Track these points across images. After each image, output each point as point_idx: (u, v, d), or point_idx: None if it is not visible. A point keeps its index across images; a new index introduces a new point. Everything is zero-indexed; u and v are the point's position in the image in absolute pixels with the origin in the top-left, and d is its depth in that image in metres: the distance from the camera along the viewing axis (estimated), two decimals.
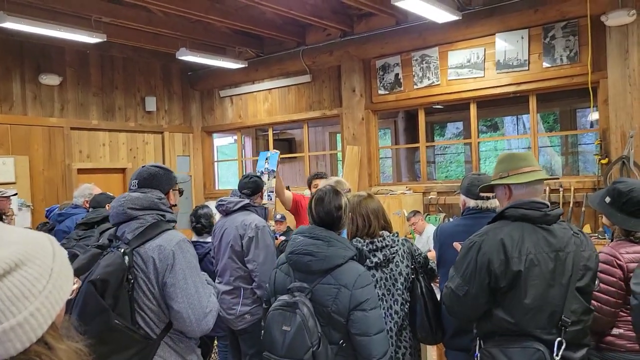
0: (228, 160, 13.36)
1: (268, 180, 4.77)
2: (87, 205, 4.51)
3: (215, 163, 11.20)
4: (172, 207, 2.47)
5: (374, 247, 2.61)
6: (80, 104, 8.94)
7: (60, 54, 8.63)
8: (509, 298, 2.10)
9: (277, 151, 5.27)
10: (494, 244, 2.12)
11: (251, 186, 3.81)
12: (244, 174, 4.40)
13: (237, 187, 3.92)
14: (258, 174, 4.50)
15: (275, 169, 5.05)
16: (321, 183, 4.48)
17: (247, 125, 10.27)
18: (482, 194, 2.64)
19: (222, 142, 13.14)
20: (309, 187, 4.71)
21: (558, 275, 2.09)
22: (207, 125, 10.66)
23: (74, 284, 2.16)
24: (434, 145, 13.93)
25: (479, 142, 8.06)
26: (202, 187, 10.68)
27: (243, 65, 9.08)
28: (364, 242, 2.62)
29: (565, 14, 6.45)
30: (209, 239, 4.49)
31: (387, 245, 2.62)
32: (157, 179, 2.44)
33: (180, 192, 2.61)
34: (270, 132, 10.17)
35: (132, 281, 2.13)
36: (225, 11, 7.60)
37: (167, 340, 2.20)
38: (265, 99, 9.79)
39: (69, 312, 2.19)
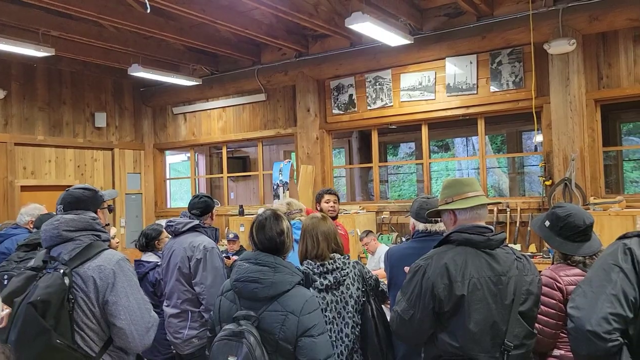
0: (181, 177, 13.15)
1: (283, 193, 4.64)
2: (32, 226, 4.33)
3: (167, 181, 11.00)
4: (105, 227, 2.50)
5: (325, 269, 2.61)
6: (25, 118, 8.64)
7: (5, 67, 8.34)
8: (453, 322, 2.12)
9: (289, 160, 5.08)
10: (438, 269, 2.15)
11: (201, 206, 3.75)
12: (195, 193, 4.32)
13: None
14: (274, 187, 4.38)
15: (288, 180, 4.88)
16: (332, 199, 4.47)
17: (200, 143, 10.16)
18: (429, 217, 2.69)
19: (174, 159, 12.93)
20: (318, 203, 4.63)
21: (500, 300, 2.12)
22: (160, 142, 10.48)
23: (1, 310, 2.12)
24: (387, 165, 14.14)
25: (430, 163, 8.23)
26: (153, 205, 10.46)
27: (197, 83, 9.01)
28: (315, 264, 2.61)
29: (511, 42, 6.72)
30: (152, 258, 4.39)
31: (337, 268, 2.63)
32: (83, 202, 2.46)
33: (110, 210, 2.61)
34: (224, 150, 10.09)
35: (73, 301, 2.18)
36: (179, 28, 7.55)
37: (105, 357, 2.26)
38: (220, 117, 9.73)
39: (6, 336, 2.13)
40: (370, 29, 6.22)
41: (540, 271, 2.37)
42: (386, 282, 2.94)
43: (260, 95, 9.07)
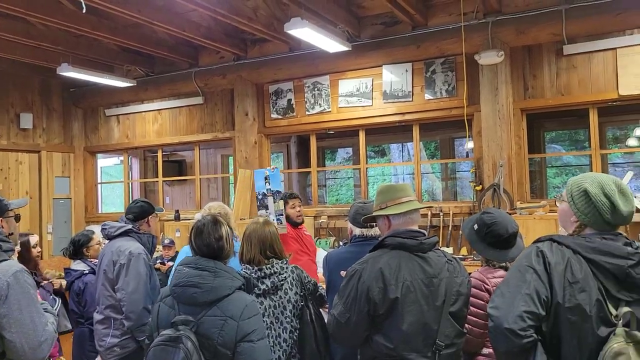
0: (113, 182, 12.71)
1: (275, 202, 4.42)
2: None
3: (99, 185, 10.61)
4: (9, 236, 2.41)
5: (262, 274, 2.61)
6: None
7: None
8: (387, 324, 2.20)
9: (275, 167, 4.85)
10: (373, 273, 2.22)
11: (135, 211, 3.66)
12: (135, 199, 4.21)
13: None
14: (259, 197, 4.19)
15: (280, 189, 4.67)
16: (297, 203, 4.38)
17: (134, 146, 9.87)
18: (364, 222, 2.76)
19: (106, 162, 12.48)
20: (284, 207, 4.53)
21: (432, 301, 2.22)
22: (91, 145, 10.10)
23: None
24: (325, 170, 14.26)
25: (367, 168, 8.38)
26: (83, 210, 10.05)
27: (131, 84, 8.76)
28: (253, 269, 2.61)
29: (444, 51, 6.97)
30: (80, 266, 4.25)
31: (275, 272, 2.64)
32: None
33: (17, 219, 2.53)
34: (159, 154, 9.85)
35: None
36: (113, 28, 7.31)
37: None
38: (155, 120, 9.49)
39: None
40: (308, 34, 6.28)
41: (469, 273, 2.48)
42: (324, 286, 2.98)
43: (197, 98, 8.93)
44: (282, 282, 2.64)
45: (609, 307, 1.78)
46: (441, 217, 7.01)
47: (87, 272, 4.20)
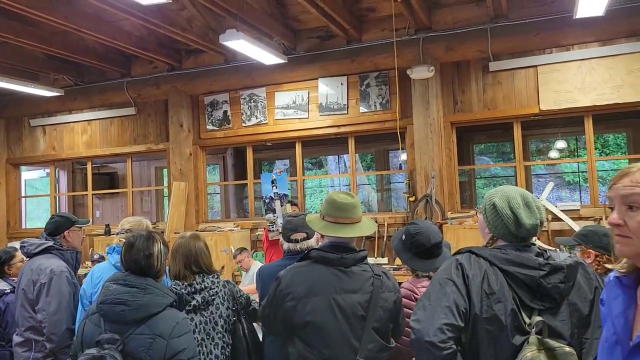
0: (38, 195, 12.09)
1: (282, 206, 4.25)
2: None
3: (23, 199, 10.08)
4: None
5: (192, 289, 2.57)
6: None
7: None
8: (305, 334, 2.25)
9: (282, 171, 4.67)
10: (291, 283, 2.29)
11: (49, 227, 3.49)
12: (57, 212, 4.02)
13: None
14: (267, 200, 4.02)
15: (287, 192, 4.49)
16: (294, 209, 4.22)
17: (62, 158, 9.46)
18: (292, 237, 2.79)
19: (31, 175, 11.87)
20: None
21: (352, 315, 2.25)
22: (14, 156, 9.59)
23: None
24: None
25: (304, 180, 8.41)
26: (4, 225, 9.50)
27: (59, 94, 8.40)
28: (182, 284, 2.56)
29: (378, 66, 7.14)
30: (2, 285, 4.02)
31: (206, 288, 2.59)
32: None
33: None
34: (89, 166, 9.48)
35: None
36: (39, 35, 7.01)
37: None
38: (84, 131, 9.14)
39: None
40: (244, 46, 6.27)
41: (400, 283, 2.53)
42: (258, 300, 2.96)
43: (129, 109, 8.69)
44: (213, 297, 2.60)
45: (523, 316, 1.85)
46: (376, 227, 7.12)
47: (8, 291, 3.97)
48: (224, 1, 5.68)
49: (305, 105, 7.64)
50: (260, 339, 2.73)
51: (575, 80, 6.37)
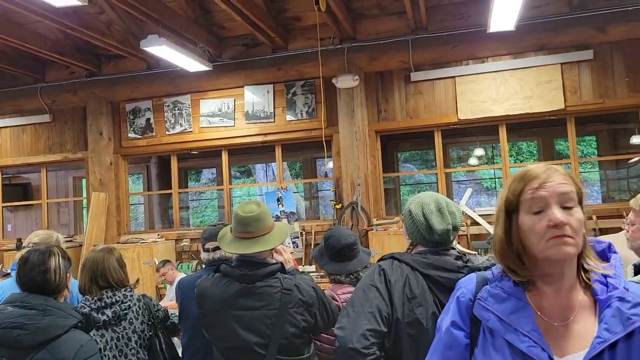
0: None
1: (290, 224, 3.98)
2: None
3: None
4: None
5: (102, 304, 2.45)
6: None
7: None
8: (215, 345, 2.35)
9: (288, 187, 4.39)
10: (200, 294, 2.36)
11: None
12: None
13: None
14: (273, 219, 3.80)
15: (294, 210, 4.22)
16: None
17: None
18: (205, 247, 2.76)
19: None
20: None
21: (256, 333, 2.23)
22: None
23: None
24: (187, 191, 13.88)
25: (231, 189, 8.31)
26: None
27: None
28: (92, 299, 2.45)
29: (304, 74, 7.20)
30: None
31: (117, 301, 2.49)
32: None
33: None
34: None
35: None
36: None
37: None
38: None
39: None
40: (167, 52, 6.13)
41: (323, 289, 2.54)
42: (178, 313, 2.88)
43: (44, 116, 8.24)
44: (125, 312, 2.49)
45: None
46: (304, 235, 7.15)
47: None
48: (145, 6, 5.53)
49: (232, 113, 7.56)
50: (180, 354, 2.66)
51: (490, 91, 6.71)
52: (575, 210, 1.25)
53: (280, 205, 4.57)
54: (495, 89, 6.70)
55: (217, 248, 2.70)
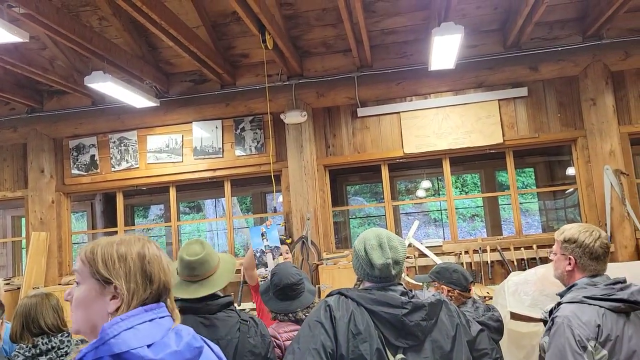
0: None
1: (274, 259, 3.83)
2: None
3: None
4: None
5: (37, 351, 2.36)
6: None
7: None
8: None
9: (272, 223, 4.26)
10: None
11: None
12: None
13: None
14: (258, 254, 3.68)
15: (279, 245, 4.10)
16: (283, 248, 3.99)
17: None
18: None
19: None
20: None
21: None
22: None
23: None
24: (134, 229, 13.52)
25: (179, 225, 8.17)
26: None
27: None
28: (26, 347, 2.35)
29: (252, 110, 7.25)
30: None
31: (53, 348, 2.40)
32: None
33: None
34: None
35: None
36: None
37: None
38: None
39: None
40: (112, 89, 6.06)
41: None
42: None
43: None
44: (62, 358, 2.41)
45: (388, 355, 1.92)
46: (233, 274, 7.04)
47: None
48: (89, 42, 5.48)
49: (180, 149, 7.50)
50: None
51: (433, 125, 6.95)
52: (79, 287, 1.32)
53: (265, 240, 4.65)
54: (438, 124, 6.95)
55: None
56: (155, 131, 7.57)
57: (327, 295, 2.10)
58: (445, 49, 5.44)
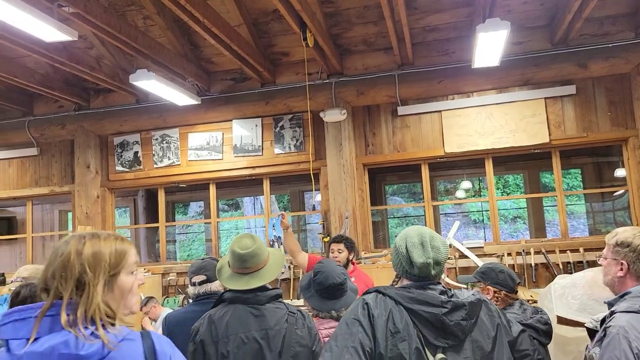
0: None
1: (278, 247, 4.15)
2: None
3: None
4: None
5: None
6: None
7: None
8: None
9: (280, 213, 4.51)
10: (207, 327, 2.29)
11: None
12: None
13: None
14: (272, 244, 3.90)
15: (281, 235, 4.39)
16: (337, 247, 4.15)
17: None
18: (192, 280, 2.75)
19: None
20: (329, 252, 4.38)
21: (269, 351, 2.27)
22: None
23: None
24: (174, 225, 13.77)
25: (218, 222, 8.26)
26: None
27: None
28: None
29: (292, 108, 7.26)
30: None
31: None
32: None
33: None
34: None
35: None
36: None
37: None
38: None
39: None
40: (156, 87, 6.17)
41: None
42: None
43: (31, 150, 8.20)
44: None
45: (427, 354, 1.88)
46: (292, 269, 7.09)
47: None
48: (134, 41, 5.59)
49: (220, 146, 7.58)
50: None
51: (475, 125, 6.81)
52: None
53: (274, 231, 4.87)
54: (480, 123, 6.79)
55: (203, 282, 2.70)
56: (196, 129, 7.68)
57: (364, 293, 2.06)
58: (490, 45, 5.31)
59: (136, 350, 1.35)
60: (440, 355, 1.88)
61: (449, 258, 6.56)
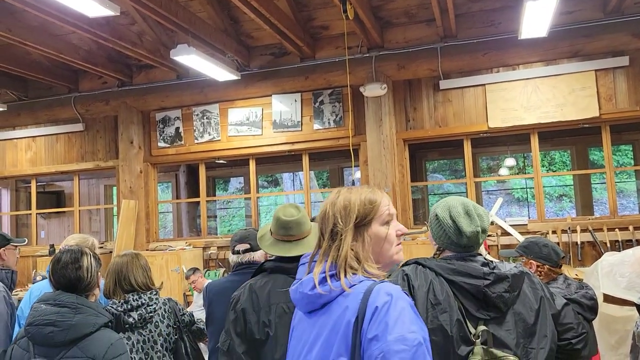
0: None
1: None
2: None
3: None
4: None
5: (129, 306, 2.47)
6: None
7: None
8: (265, 351, 2.17)
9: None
10: (248, 297, 2.25)
11: None
12: None
13: None
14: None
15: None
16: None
17: (4, 176, 9.06)
18: (235, 249, 2.74)
19: None
20: None
21: None
22: None
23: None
24: (215, 200, 13.98)
25: (258, 197, 8.33)
26: None
27: (2, 109, 8.07)
28: (119, 302, 2.46)
29: (331, 83, 7.19)
30: None
31: (143, 304, 2.50)
32: None
33: None
34: (33, 184, 9.11)
35: None
36: None
37: None
38: (29, 147, 8.80)
39: None
40: (196, 62, 6.20)
41: None
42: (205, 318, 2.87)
43: (77, 125, 8.43)
44: (151, 315, 2.51)
45: (468, 326, 1.84)
46: None
47: None
48: (175, 16, 5.61)
49: (259, 122, 7.59)
50: (206, 359, 2.64)
51: (521, 98, 6.58)
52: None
53: None
54: (526, 97, 6.57)
55: (247, 250, 2.71)
56: (236, 104, 7.71)
57: (403, 265, 2.03)
58: (537, 16, 5.08)
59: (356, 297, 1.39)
60: (482, 327, 1.83)
61: (490, 235, 6.44)
